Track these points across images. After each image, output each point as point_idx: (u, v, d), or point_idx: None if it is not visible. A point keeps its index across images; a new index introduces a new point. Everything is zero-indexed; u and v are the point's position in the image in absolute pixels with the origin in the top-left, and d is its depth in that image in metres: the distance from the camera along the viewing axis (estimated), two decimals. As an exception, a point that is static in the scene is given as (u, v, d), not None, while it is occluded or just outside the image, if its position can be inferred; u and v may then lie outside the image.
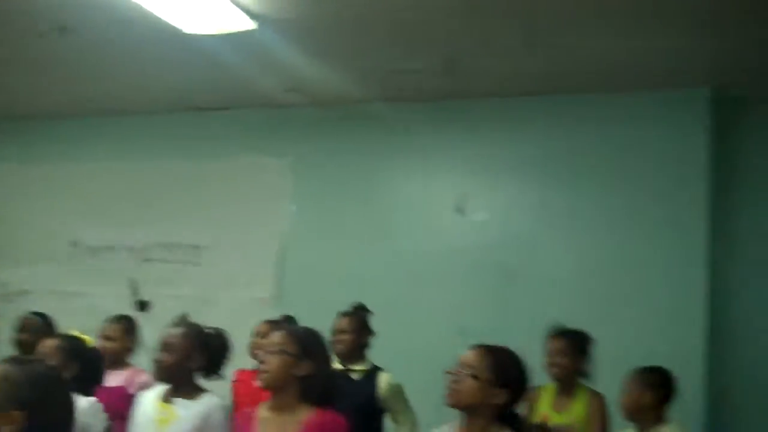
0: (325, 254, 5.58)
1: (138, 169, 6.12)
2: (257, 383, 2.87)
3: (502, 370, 2.59)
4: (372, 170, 5.59)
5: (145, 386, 3.92)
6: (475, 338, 2.82)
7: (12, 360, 2.06)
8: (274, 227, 5.72)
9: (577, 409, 3.84)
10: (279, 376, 2.80)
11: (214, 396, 3.21)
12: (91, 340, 3.56)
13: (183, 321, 3.46)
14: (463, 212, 5.30)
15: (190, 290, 5.75)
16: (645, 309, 4.80)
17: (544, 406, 3.94)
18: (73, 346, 3.36)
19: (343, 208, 5.62)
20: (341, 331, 4.06)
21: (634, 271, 4.87)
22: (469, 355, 2.62)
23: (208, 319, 3.58)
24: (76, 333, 3.50)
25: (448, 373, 2.63)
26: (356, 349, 4.06)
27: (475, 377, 2.56)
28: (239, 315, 5.19)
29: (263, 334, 4.05)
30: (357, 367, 4.03)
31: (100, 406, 3.23)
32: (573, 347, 3.89)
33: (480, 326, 4.66)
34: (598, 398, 3.85)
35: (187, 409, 3.09)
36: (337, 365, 4.03)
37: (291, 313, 4.55)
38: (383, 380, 3.97)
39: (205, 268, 5.84)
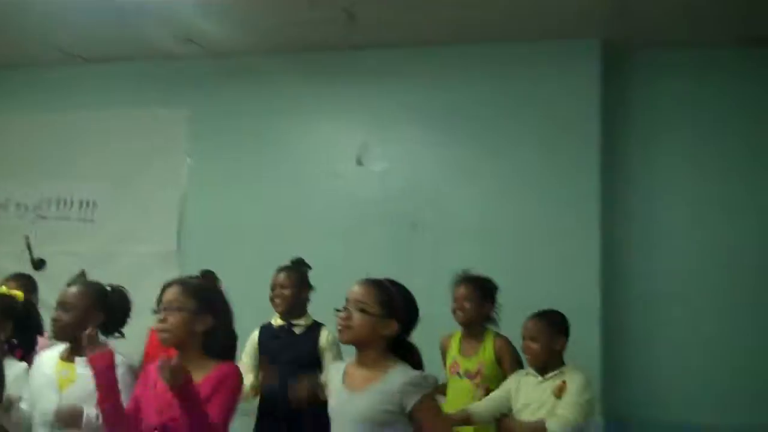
0: (225, 207, 5.53)
1: (29, 123, 5.91)
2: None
3: (389, 301, 2.66)
4: (271, 122, 5.53)
5: (42, 347, 3.85)
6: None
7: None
8: (171, 181, 5.63)
9: (484, 353, 3.95)
10: (179, 333, 2.79)
11: (115, 353, 3.16)
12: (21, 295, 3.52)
13: (81, 279, 3.40)
14: (363, 163, 5.32)
15: (87, 247, 5.62)
16: (544, 254, 4.94)
17: (453, 352, 4.05)
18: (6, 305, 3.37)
19: (241, 161, 5.56)
20: (281, 286, 4.06)
21: (534, 218, 5.01)
22: (355, 290, 2.68)
23: (107, 276, 3.50)
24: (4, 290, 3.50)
25: (338, 310, 2.68)
26: (297, 305, 4.07)
27: (363, 311, 2.62)
28: (139, 271, 5.13)
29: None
30: (299, 322, 4.06)
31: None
32: (477, 293, 3.99)
33: (385, 275, 4.71)
34: (503, 340, 3.96)
35: (88, 368, 3.03)
36: (278, 320, 4.09)
37: (192, 269, 4.49)
38: (324, 335, 4.01)
39: (100, 224, 5.72)
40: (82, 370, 3.05)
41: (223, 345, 2.86)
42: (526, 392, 3.61)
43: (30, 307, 3.55)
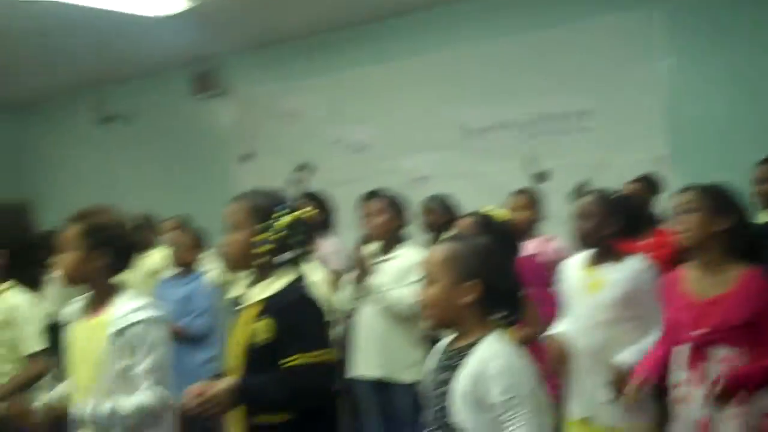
0: (718, 106, 5.31)
1: (507, 46, 6.20)
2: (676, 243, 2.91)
3: None
4: None
5: (558, 253, 4.10)
6: None
7: (455, 238, 2.30)
8: (654, 83, 5.55)
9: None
10: (699, 233, 2.81)
11: (639, 257, 3.25)
12: (505, 213, 3.79)
13: (584, 188, 3.52)
14: None
15: (583, 157, 5.80)
16: None
17: None
18: (487, 221, 3.61)
19: (735, 53, 5.25)
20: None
21: None
22: None
23: (603, 183, 3.60)
24: (489, 209, 3.73)
25: None
26: None
27: None
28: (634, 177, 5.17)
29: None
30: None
31: None
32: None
33: None
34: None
35: (615, 273, 3.18)
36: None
37: (687, 173, 4.44)
38: None
39: (595, 133, 5.84)
40: (609, 275, 3.19)
41: (745, 244, 2.82)
42: None
43: (509, 227, 3.74)
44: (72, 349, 2.70)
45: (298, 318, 2.37)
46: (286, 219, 2.44)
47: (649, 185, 4.82)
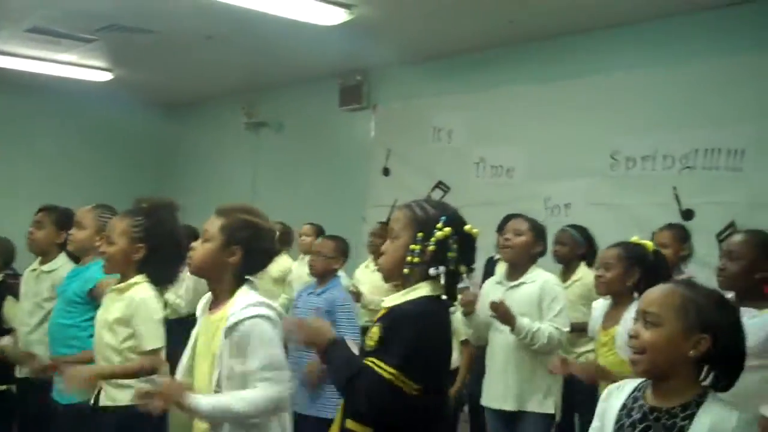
0: None
1: (669, 73, 5.94)
2: None
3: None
4: None
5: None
6: None
7: (683, 284, 2.09)
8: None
9: None
10: None
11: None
12: (651, 245, 3.60)
13: (734, 229, 3.30)
14: None
15: (735, 197, 5.48)
16: None
17: None
18: (635, 252, 3.43)
19: None
20: None
21: None
22: None
23: (757, 226, 3.37)
24: (636, 239, 3.55)
25: None
26: None
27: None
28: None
29: None
30: None
31: None
32: None
33: None
34: None
35: (754, 320, 2.94)
36: None
37: None
38: None
39: (749, 172, 5.50)
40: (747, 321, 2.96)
41: None
42: None
43: (660, 259, 3.49)
44: (195, 344, 2.72)
45: (402, 331, 2.26)
46: (446, 231, 2.35)
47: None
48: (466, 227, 2.40)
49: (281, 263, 6.37)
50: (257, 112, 9.31)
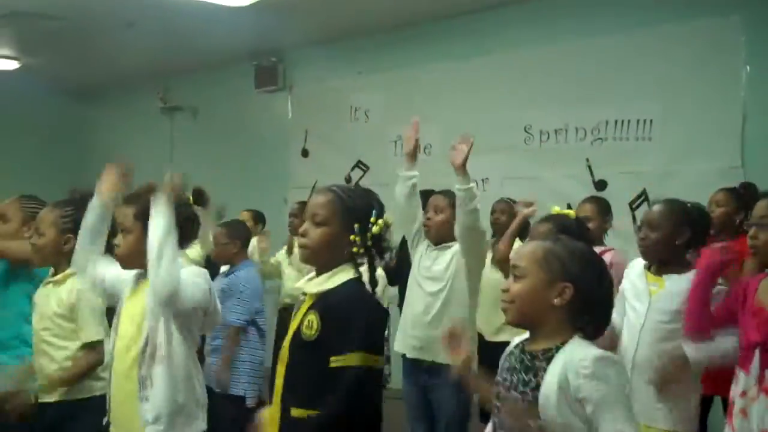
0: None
1: (578, 48, 6.09)
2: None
3: None
4: None
5: (616, 267, 3.95)
6: None
7: (554, 239, 2.21)
8: (730, 93, 5.38)
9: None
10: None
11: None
12: (573, 213, 3.73)
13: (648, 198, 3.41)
14: None
15: (646, 166, 5.68)
16: None
17: None
18: (567, 225, 3.46)
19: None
20: None
21: None
22: None
23: (668, 193, 3.51)
24: (557, 210, 3.70)
25: None
26: None
27: None
28: (700, 188, 5.02)
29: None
30: None
31: None
32: None
33: None
34: None
35: (678, 284, 3.07)
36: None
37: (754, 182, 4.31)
38: None
39: (657, 142, 5.70)
40: (671, 285, 3.10)
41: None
42: None
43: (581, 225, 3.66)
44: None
45: (350, 312, 2.27)
46: (380, 223, 2.37)
47: (738, 196, 4.60)
48: (389, 218, 2.43)
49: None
50: (172, 97, 9.18)
